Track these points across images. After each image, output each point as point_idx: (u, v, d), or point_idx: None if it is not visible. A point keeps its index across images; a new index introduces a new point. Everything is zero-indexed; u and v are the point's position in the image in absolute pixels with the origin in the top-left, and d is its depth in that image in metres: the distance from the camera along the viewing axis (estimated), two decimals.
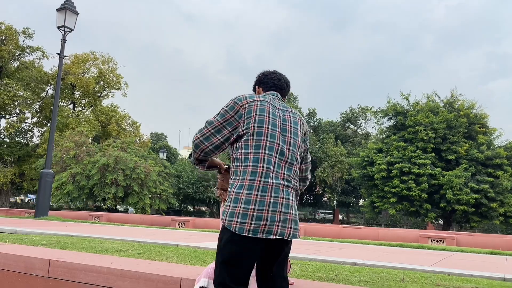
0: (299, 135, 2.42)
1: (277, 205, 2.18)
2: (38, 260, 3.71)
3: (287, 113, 2.44)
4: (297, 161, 2.37)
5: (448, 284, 3.45)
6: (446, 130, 27.77)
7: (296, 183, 2.35)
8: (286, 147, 2.31)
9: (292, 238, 2.23)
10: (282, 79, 2.65)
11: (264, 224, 2.14)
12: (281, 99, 2.55)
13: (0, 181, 29.46)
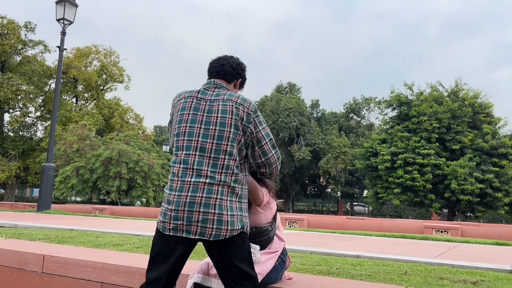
0: (229, 123, 2.26)
1: (194, 205, 2.13)
2: (32, 255, 3.64)
3: (216, 102, 2.31)
4: (227, 153, 2.22)
5: (452, 277, 3.35)
6: (450, 120, 27.55)
7: (230, 177, 2.20)
8: (209, 141, 2.22)
9: (214, 238, 2.13)
10: (226, 64, 2.52)
11: (181, 224, 2.13)
12: (219, 86, 2.43)
13: (5, 175, 29.54)
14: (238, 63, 2.58)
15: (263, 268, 2.53)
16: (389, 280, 3.11)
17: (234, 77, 2.54)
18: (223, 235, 2.13)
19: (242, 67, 2.59)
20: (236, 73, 2.54)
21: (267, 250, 2.68)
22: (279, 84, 42.25)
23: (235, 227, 2.16)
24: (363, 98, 42.27)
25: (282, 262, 2.76)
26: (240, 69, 2.57)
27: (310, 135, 36.64)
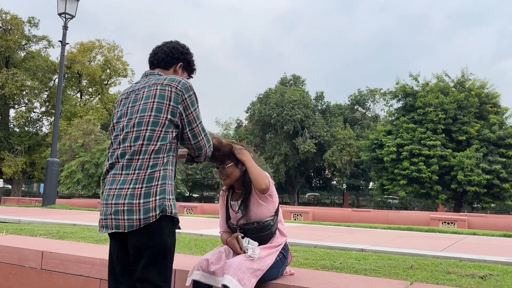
0: (150, 108, 2.16)
1: (109, 197, 2.08)
2: (31, 252, 3.59)
3: (143, 90, 2.24)
4: (146, 138, 2.11)
5: (460, 271, 3.26)
6: (456, 111, 27.29)
7: (147, 162, 2.08)
8: (130, 131, 2.16)
9: (129, 229, 2.02)
10: (159, 51, 2.42)
11: (101, 218, 2.11)
12: (151, 74, 2.36)
13: (11, 171, 29.68)
14: (173, 46, 2.43)
15: (263, 264, 2.47)
16: (394, 275, 3.03)
17: (171, 63, 2.41)
18: (137, 224, 2.01)
19: (179, 50, 2.43)
20: (172, 58, 2.41)
21: (267, 245, 2.62)
22: (283, 77, 42.04)
23: (151, 213, 2.02)
24: (368, 89, 41.98)
25: (284, 258, 2.69)
26: (177, 52, 2.42)
27: (315, 127, 36.46)
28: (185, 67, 2.48)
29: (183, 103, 2.19)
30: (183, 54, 2.45)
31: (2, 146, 31.17)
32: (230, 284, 2.28)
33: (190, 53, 2.50)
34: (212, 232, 5.73)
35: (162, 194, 2.08)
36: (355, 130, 39.46)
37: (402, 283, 2.72)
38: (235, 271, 2.32)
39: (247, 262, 2.40)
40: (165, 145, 2.14)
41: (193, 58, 2.52)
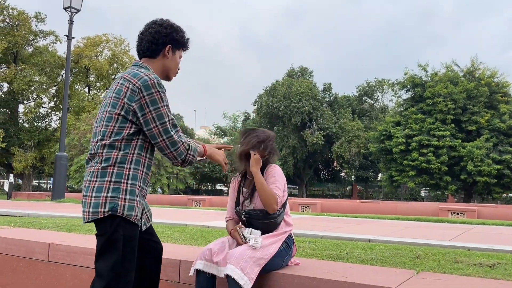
0: (109, 103, 2.12)
1: (82, 190, 2.14)
2: (38, 244, 3.61)
3: (114, 84, 2.17)
4: (100, 133, 2.10)
5: (468, 260, 3.22)
6: (466, 100, 27.00)
7: (100, 157, 2.08)
8: (96, 126, 2.18)
9: (85, 222, 2.06)
10: (143, 39, 2.28)
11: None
12: (133, 65, 2.27)
13: (21, 166, 30.00)
14: (155, 31, 2.25)
15: (266, 252, 2.46)
16: (400, 264, 3.00)
17: (157, 50, 2.27)
18: (86, 218, 2.05)
19: (162, 33, 2.25)
20: (157, 45, 2.26)
21: (271, 234, 2.61)
22: (290, 69, 41.82)
23: (99, 209, 2.00)
24: (376, 80, 41.63)
25: (288, 248, 2.68)
26: (161, 36, 2.25)
27: (323, 119, 36.30)
28: (175, 47, 2.33)
29: (140, 101, 2.06)
30: (167, 35, 2.27)
31: (12, 141, 31.48)
32: (233, 274, 2.27)
33: (175, 30, 2.31)
34: (219, 224, 5.73)
35: (115, 192, 2.03)
36: (363, 121, 39.23)
37: (408, 272, 2.69)
38: (237, 261, 2.31)
39: (249, 251, 2.39)
40: (120, 141, 2.08)
41: (181, 33, 2.33)
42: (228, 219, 2.83)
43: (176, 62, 2.35)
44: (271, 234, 2.60)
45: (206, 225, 5.50)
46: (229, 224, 2.78)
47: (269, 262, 2.47)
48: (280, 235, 2.64)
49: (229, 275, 2.27)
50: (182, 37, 2.34)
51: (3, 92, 33.16)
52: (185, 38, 2.35)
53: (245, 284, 2.27)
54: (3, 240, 3.84)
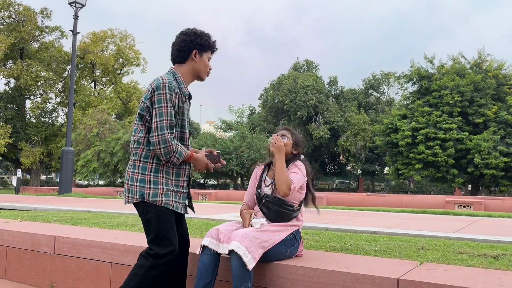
0: (140, 104, 2.49)
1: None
2: (44, 237, 3.65)
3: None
4: (134, 130, 2.52)
5: (472, 251, 3.21)
6: (473, 93, 26.78)
7: (132, 152, 2.51)
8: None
9: (126, 203, 2.52)
10: (173, 48, 2.64)
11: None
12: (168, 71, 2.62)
13: (29, 161, 30.23)
14: (182, 40, 2.56)
15: (271, 237, 2.52)
16: (404, 256, 3.00)
17: (185, 57, 2.57)
18: (126, 200, 2.49)
19: (187, 40, 2.55)
20: (184, 52, 2.56)
21: (280, 223, 2.68)
22: (296, 62, 41.66)
23: (134, 195, 2.43)
24: (382, 73, 41.36)
25: (294, 239, 2.72)
26: (187, 44, 2.56)
27: (329, 112, 36.18)
28: (202, 50, 2.59)
29: (151, 99, 2.42)
30: (192, 42, 2.55)
31: (20, 137, 31.71)
32: (238, 250, 2.34)
33: (199, 35, 2.58)
34: (224, 217, 5.75)
35: (141, 182, 2.43)
36: (369, 114, 39.04)
37: (411, 263, 2.69)
38: (242, 239, 2.39)
39: (254, 232, 2.47)
40: (143, 138, 2.46)
41: (205, 38, 2.60)
42: (244, 203, 2.95)
43: (205, 63, 2.62)
44: (280, 224, 2.67)
45: (211, 218, 5.53)
46: (243, 207, 2.90)
47: (272, 248, 2.52)
48: (289, 226, 2.70)
49: (233, 251, 2.34)
50: (206, 41, 2.60)
51: (10, 88, 33.36)
52: (209, 42, 2.62)
53: (248, 262, 2.32)
54: (11, 233, 3.88)
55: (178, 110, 2.48)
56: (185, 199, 2.58)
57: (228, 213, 6.47)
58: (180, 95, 2.49)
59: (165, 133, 2.36)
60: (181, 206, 2.54)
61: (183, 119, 2.52)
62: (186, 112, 2.54)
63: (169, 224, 2.46)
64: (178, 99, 2.46)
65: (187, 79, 2.58)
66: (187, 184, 2.58)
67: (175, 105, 2.43)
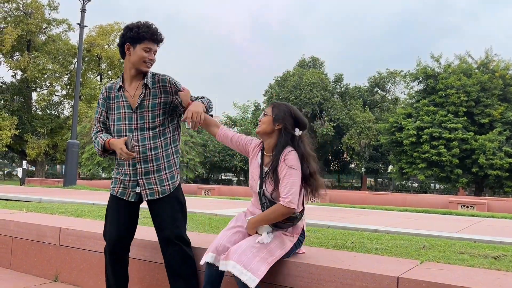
0: None
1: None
2: (49, 228, 3.70)
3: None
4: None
5: (473, 252, 3.22)
6: (479, 93, 26.65)
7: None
8: None
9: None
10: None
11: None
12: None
13: (34, 153, 30.40)
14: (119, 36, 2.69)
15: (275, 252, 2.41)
16: (405, 255, 3.02)
17: (122, 51, 2.65)
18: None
19: (121, 34, 2.64)
20: (121, 45, 2.64)
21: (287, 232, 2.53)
22: (302, 59, 41.54)
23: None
24: (388, 71, 41.19)
25: (299, 243, 2.64)
26: (121, 36, 2.64)
27: (334, 110, 36.11)
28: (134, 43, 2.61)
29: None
30: (124, 37, 2.63)
31: (26, 128, 31.89)
32: (234, 270, 2.22)
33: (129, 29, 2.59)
34: (227, 212, 5.79)
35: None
36: (374, 113, 38.93)
37: (412, 262, 2.71)
38: (239, 257, 2.25)
39: (254, 249, 2.31)
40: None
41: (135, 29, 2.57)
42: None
43: (138, 55, 2.58)
44: (287, 233, 2.52)
45: (214, 213, 5.56)
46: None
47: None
48: (295, 234, 2.57)
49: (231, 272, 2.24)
50: (136, 33, 2.56)
51: (17, 80, 33.52)
52: (140, 33, 2.55)
53: (248, 280, 2.19)
54: (16, 224, 3.94)
55: (108, 106, 2.68)
56: (133, 186, 2.66)
57: (231, 209, 6.51)
58: (106, 93, 2.70)
59: (93, 127, 2.77)
60: (119, 190, 2.72)
61: (113, 113, 2.66)
62: (117, 106, 2.64)
63: (109, 209, 2.78)
64: (104, 98, 2.70)
65: (127, 74, 2.64)
66: (130, 172, 2.63)
67: (102, 105, 2.71)
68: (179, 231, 2.62)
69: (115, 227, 2.68)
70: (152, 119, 2.60)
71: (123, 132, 2.60)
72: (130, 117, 2.59)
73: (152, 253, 3.12)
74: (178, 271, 2.59)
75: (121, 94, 2.63)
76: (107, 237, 2.70)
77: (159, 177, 2.63)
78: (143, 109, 2.59)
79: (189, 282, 2.57)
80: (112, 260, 2.70)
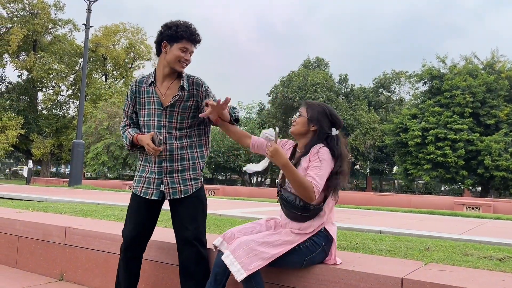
0: None
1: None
2: (55, 228, 3.72)
3: None
4: None
5: (478, 253, 3.21)
6: (485, 94, 26.51)
7: None
8: None
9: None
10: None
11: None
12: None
13: (40, 152, 30.58)
14: (157, 33, 2.69)
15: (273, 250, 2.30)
16: (409, 256, 3.01)
17: (159, 48, 2.68)
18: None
19: (160, 32, 2.65)
20: (158, 42, 2.66)
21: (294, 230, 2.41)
22: (306, 59, 41.50)
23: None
24: (394, 72, 41.08)
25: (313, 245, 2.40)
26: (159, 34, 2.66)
27: (338, 110, 36.02)
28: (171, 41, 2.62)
29: None
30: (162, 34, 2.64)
31: (31, 128, 32.08)
32: (226, 259, 2.25)
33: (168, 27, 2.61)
34: (231, 212, 5.80)
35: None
36: (379, 113, 38.83)
37: (416, 263, 2.71)
38: (237, 248, 2.25)
39: (253, 242, 2.27)
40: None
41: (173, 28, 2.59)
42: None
43: (174, 54, 2.58)
44: (293, 231, 2.43)
45: (218, 213, 5.58)
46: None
47: (282, 258, 2.33)
48: (302, 234, 2.41)
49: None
50: (175, 32, 2.57)
51: (23, 80, 33.73)
52: (178, 32, 2.56)
53: (236, 273, 2.19)
54: (22, 223, 3.96)
55: (137, 100, 2.68)
56: (157, 184, 2.64)
57: (235, 209, 6.52)
58: (135, 86, 2.69)
59: (122, 121, 2.77)
60: (142, 190, 2.67)
61: (143, 108, 2.66)
62: (147, 101, 2.64)
63: (130, 208, 2.74)
64: (133, 91, 2.69)
65: (160, 71, 2.64)
66: (155, 170, 2.62)
67: (130, 98, 2.71)
68: (199, 232, 2.63)
69: (134, 225, 2.69)
70: (180, 120, 2.63)
71: (152, 128, 2.61)
72: (160, 113, 2.61)
73: (157, 253, 3.14)
74: (191, 272, 2.60)
75: (152, 90, 2.63)
76: (125, 234, 2.72)
77: (182, 176, 2.66)
78: (173, 109, 2.61)
79: (199, 283, 2.57)
80: (126, 258, 2.72)
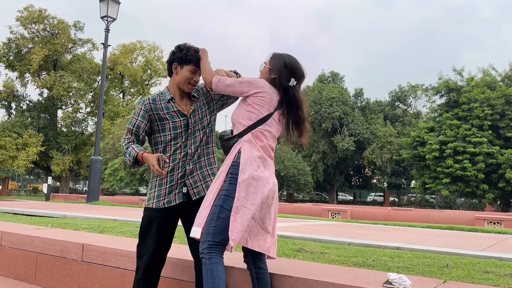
0: None
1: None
2: (73, 244, 3.77)
3: None
4: None
5: (499, 271, 3.14)
6: (504, 106, 26.11)
7: None
8: None
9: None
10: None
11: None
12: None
13: (59, 169, 31.09)
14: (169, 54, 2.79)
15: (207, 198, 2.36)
16: (428, 273, 2.96)
17: (170, 69, 2.76)
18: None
19: (171, 53, 2.74)
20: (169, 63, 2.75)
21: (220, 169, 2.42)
22: (321, 74, 41.62)
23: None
24: (409, 85, 40.84)
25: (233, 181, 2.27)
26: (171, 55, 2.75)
27: (354, 124, 35.87)
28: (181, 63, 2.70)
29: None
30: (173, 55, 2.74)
31: (51, 145, 32.71)
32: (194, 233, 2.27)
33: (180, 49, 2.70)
34: None
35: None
36: (395, 127, 38.51)
37: (434, 281, 2.66)
38: (196, 221, 2.30)
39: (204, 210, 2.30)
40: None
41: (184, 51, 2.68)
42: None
43: (184, 75, 2.68)
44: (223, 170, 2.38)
45: None
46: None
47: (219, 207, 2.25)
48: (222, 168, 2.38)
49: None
50: (185, 55, 2.67)
51: (43, 98, 34.55)
52: (188, 55, 2.66)
53: (193, 233, 2.25)
54: (41, 240, 4.03)
55: (156, 117, 2.66)
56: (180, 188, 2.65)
57: None
58: (149, 105, 2.67)
59: (124, 138, 2.72)
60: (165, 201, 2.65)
61: (167, 122, 2.66)
62: (169, 116, 2.65)
63: (148, 226, 2.68)
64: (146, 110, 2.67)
65: (174, 91, 2.72)
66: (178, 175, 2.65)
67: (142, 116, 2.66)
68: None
69: (156, 245, 2.66)
70: (201, 119, 2.74)
71: (180, 139, 2.67)
72: (186, 123, 2.69)
73: (173, 270, 3.14)
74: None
75: (171, 105, 2.69)
76: (147, 250, 2.66)
77: (201, 173, 2.72)
78: (195, 113, 2.72)
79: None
80: (144, 276, 2.70)
